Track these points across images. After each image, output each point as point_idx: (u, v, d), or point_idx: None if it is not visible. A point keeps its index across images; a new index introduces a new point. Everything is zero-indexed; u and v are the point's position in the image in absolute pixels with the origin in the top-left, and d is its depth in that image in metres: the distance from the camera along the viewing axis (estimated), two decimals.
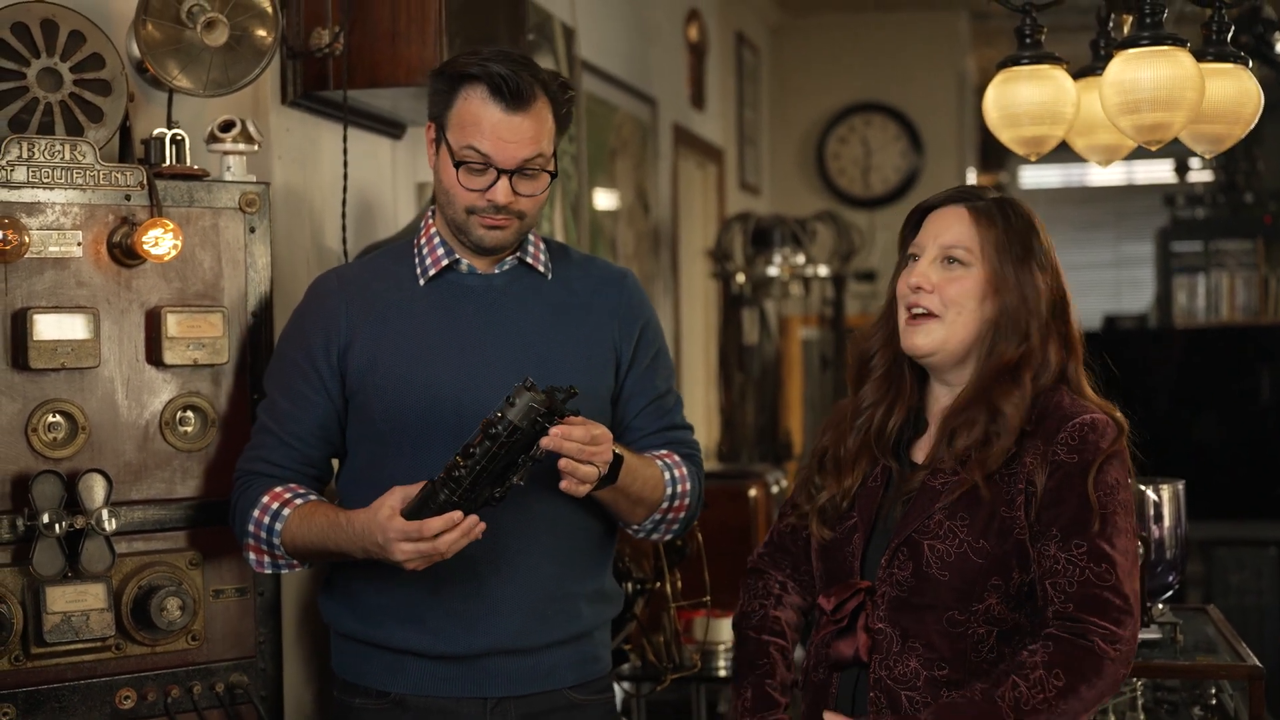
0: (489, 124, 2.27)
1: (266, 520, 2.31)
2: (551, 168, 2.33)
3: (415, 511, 2.14)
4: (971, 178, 8.75)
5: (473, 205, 2.31)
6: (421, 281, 2.39)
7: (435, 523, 2.12)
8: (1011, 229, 2.13)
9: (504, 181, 2.29)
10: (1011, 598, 2.07)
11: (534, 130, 2.29)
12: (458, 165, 2.29)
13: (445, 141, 2.31)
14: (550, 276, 2.43)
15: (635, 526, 2.42)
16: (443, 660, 2.33)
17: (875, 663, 2.09)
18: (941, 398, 2.19)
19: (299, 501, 2.32)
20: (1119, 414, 2.14)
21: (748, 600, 2.29)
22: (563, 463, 2.17)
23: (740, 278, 5.96)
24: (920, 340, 2.13)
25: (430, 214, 2.44)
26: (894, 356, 2.20)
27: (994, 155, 10.64)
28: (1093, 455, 2.06)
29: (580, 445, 2.16)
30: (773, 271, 5.90)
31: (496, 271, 2.40)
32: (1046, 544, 2.05)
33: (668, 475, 2.38)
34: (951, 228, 2.14)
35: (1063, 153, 3.15)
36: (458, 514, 2.12)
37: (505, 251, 2.39)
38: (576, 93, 4.38)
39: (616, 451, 2.24)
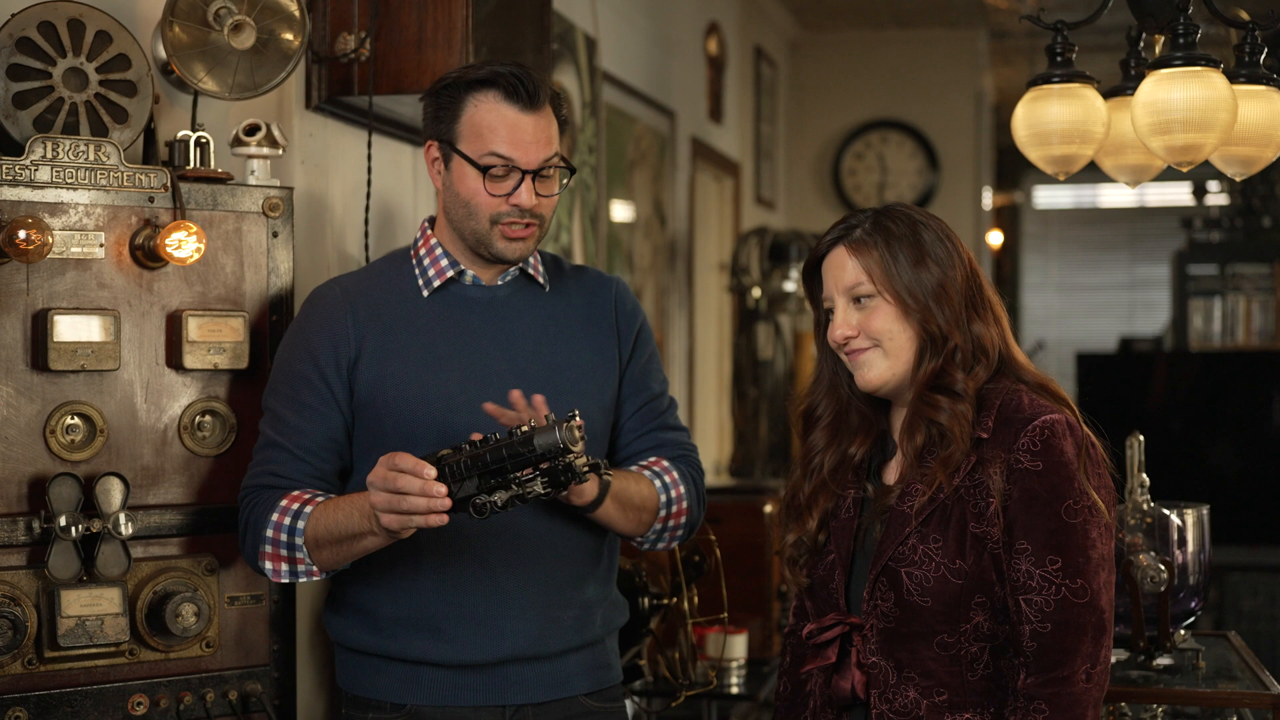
0: (507, 126, 2.27)
1: (288, 521, 2.24)
2: (567, 165, 2.34)
3: None
4: (987, 196, 8.73)
5: (497, 213, 2.30)
6: (425, 293, 2.37)
7: (406, 459, 2.05)
8: (894, 241, 2.11)
9: (527, 183, 2.29)
10: (999, 611, 2.05)
11: (549, 128, 2.31)
12: (483, 171, 2.28)
13: (458, 154, 2.30)
14: (548, 288, 2.43)
15: (639, 539, 2.42)
16: (461, 669, 2.31)
17: (874, 697, 2.08)
18: (900, 419, 2.18)
19: (321, 499, 2.26)
20: (1072, 405, 2.11)
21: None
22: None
23: (756, 292, 5.94)
24: (870, 375, 2.13)
25: (428, 224, 2.43)
26: (838, 403, 2.21)
27: (1009, 174, 10.65)
28: (1060, 466, 2.02)
29: None
30: (789, 287, 5.88)
31: (500, 283, 2.40)
32: (1018, 559, 2.02)
33: (658, 483, 2.38)
34: (844, 269, 2.14)
35: (1076, 174, 3.13)
36: (431, 469, 2.04)
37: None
38: (569, 105, 4.36)
39: (604, 476, 2.25)
